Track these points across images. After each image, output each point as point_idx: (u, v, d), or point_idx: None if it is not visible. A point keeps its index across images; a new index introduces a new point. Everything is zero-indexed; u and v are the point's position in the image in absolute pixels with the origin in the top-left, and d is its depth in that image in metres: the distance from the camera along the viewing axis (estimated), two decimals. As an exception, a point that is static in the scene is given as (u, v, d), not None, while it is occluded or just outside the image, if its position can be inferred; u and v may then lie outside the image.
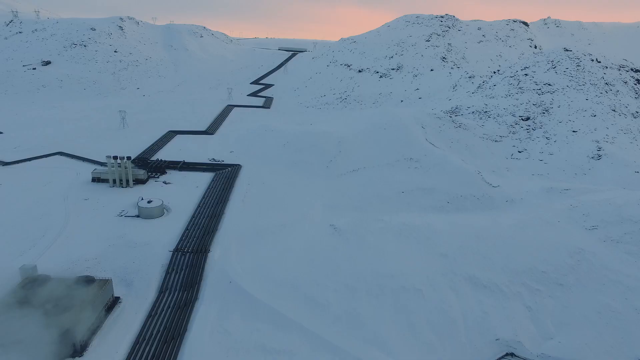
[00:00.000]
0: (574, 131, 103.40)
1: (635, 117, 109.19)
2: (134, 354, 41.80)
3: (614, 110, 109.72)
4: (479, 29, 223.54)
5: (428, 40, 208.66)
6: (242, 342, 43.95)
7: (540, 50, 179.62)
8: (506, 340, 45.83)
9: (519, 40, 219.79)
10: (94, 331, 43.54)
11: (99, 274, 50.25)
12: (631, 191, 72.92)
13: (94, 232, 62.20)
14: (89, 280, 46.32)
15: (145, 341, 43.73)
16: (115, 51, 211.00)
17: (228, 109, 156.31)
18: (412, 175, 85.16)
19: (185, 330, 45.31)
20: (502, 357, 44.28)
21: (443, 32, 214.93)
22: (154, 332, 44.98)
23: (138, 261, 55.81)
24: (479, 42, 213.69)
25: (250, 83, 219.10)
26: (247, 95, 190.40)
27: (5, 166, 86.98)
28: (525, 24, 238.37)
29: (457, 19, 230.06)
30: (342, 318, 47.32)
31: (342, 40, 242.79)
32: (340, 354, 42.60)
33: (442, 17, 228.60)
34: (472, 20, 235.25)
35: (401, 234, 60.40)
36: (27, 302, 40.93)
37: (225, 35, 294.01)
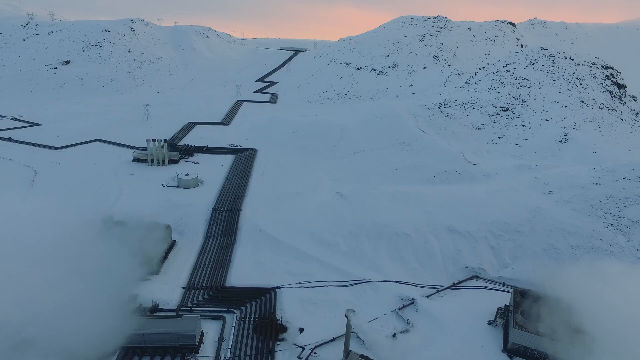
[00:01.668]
0: (546, 120, 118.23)
1: (601, 108, 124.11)
2: (194, 274, 56.28)
3: (583, 102, 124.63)
4: (469, 29, 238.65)
5: (422, 40, 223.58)
6: (273, 269, 58.44)
7: (520, 49, 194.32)
8: (473, 267, 60.56)
9: (507, 40, 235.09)
10: (162, 261, 57.90)
11: (158, 224, 64.45)
12: (585, 166, 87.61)
13: (144, 197, 76.39)
14: (156, 224, 60.58)
15: (201, 268, 58.17)
16: (128, 51, 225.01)
17: (238, 103, 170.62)
18: (404, 156, 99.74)
19: (229, 261, 59.70)
20: (469, 278, 58.97)
21: (436, 33, 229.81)
22: (206, 263, 59.43)
23: (185, 217, 70.21)
24: (469, 42, 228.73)
25: (256, 81, 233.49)
26: (254, 92, 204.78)
27: (56, 150, 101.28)
28: (513, 24, 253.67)
29: (448, 20, 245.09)
30: (349, 254, 61.90)
31: (342, 40, 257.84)
32: (347, 275, 57.20)
33: (434, 18, 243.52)
34: (463, 21, 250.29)
35: (394, 198, 74.88)
36: (117, 238, 55.06)
37: (229, 35, 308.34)
